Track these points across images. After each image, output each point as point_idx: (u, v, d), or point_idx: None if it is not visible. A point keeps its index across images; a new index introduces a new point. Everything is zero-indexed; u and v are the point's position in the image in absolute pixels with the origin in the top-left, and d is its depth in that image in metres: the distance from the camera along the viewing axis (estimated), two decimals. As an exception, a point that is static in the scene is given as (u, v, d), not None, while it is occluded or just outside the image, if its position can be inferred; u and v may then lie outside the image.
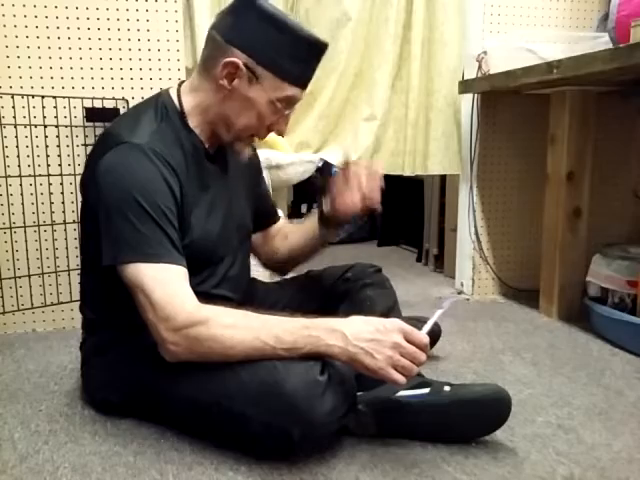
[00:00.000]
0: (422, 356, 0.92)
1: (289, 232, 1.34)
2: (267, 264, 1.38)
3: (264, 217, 1.33)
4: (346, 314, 1.00)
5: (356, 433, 1.03)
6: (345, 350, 0.91)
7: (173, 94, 1.09)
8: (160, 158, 0.99)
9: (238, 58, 0.99)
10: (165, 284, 0.95)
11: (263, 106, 1.03)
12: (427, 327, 0.98)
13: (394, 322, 0.94)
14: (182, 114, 1.07)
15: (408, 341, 0.92)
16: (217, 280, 1.12)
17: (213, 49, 1.03)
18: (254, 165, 1.29)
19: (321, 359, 0.94)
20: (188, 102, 1.08)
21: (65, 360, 1.44)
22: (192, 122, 1.07)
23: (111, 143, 1.00)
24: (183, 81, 1.13)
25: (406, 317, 1.25)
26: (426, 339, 0.93)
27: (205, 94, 1.06)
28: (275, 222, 1.35)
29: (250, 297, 1.23)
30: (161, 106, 1.06)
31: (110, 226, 0.97)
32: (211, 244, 1.09)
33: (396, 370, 0.91)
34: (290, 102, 1.06)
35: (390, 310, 1.20)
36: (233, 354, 0.94)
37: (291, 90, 1.03)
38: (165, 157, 1.00)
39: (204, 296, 0.98)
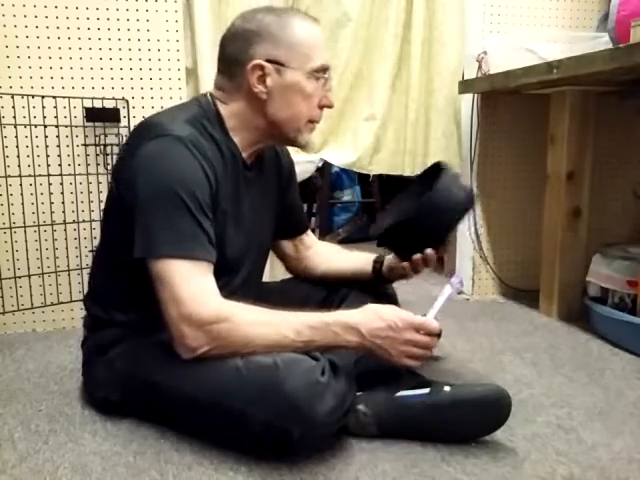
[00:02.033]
0: (433, 341, 0.99)
1: (335, 257, 1.33)
2: (293, 270, 1.37)
3: (291, 226, 1.33)
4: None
5: (356, 433, 1.03)
6: (361, 345, 0.97)
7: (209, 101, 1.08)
8: (201, 151, 1.00)
9: (257, 59, 1.01)
10: (192, 280, 0.95)
11: (305, 84, 1.05)
12: (434, 311, 1.03)
13: (405, 320, 0.97)
14: (221, 120, 1.07)
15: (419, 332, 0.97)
16: (232, 290, 1.10)
17: (231, 66, 1.05)
18: (286, 174, 1.28)
19: (320, 359, 0.94)
20: (225, 111, 1.07)
21: (65, 360, 1.44)
22: (231, 130, 1.07)
23: (152, 134, 1.00)
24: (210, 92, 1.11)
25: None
26: (436, 325, 0.98)
27: (238, 108, 1.06)
28: (302, 233, 1.34)
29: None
30: (201, 109, 1.06)
31: (146, 218, 0.96)
32: (234, 254, 1.10)
33: (410, 358, 0.97)
34: (325, 69, 1.07)
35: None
36: (253, 347, 0.95)
37: (317, 52, 1.05)
38: (205, 151, 1.00)
39: None
